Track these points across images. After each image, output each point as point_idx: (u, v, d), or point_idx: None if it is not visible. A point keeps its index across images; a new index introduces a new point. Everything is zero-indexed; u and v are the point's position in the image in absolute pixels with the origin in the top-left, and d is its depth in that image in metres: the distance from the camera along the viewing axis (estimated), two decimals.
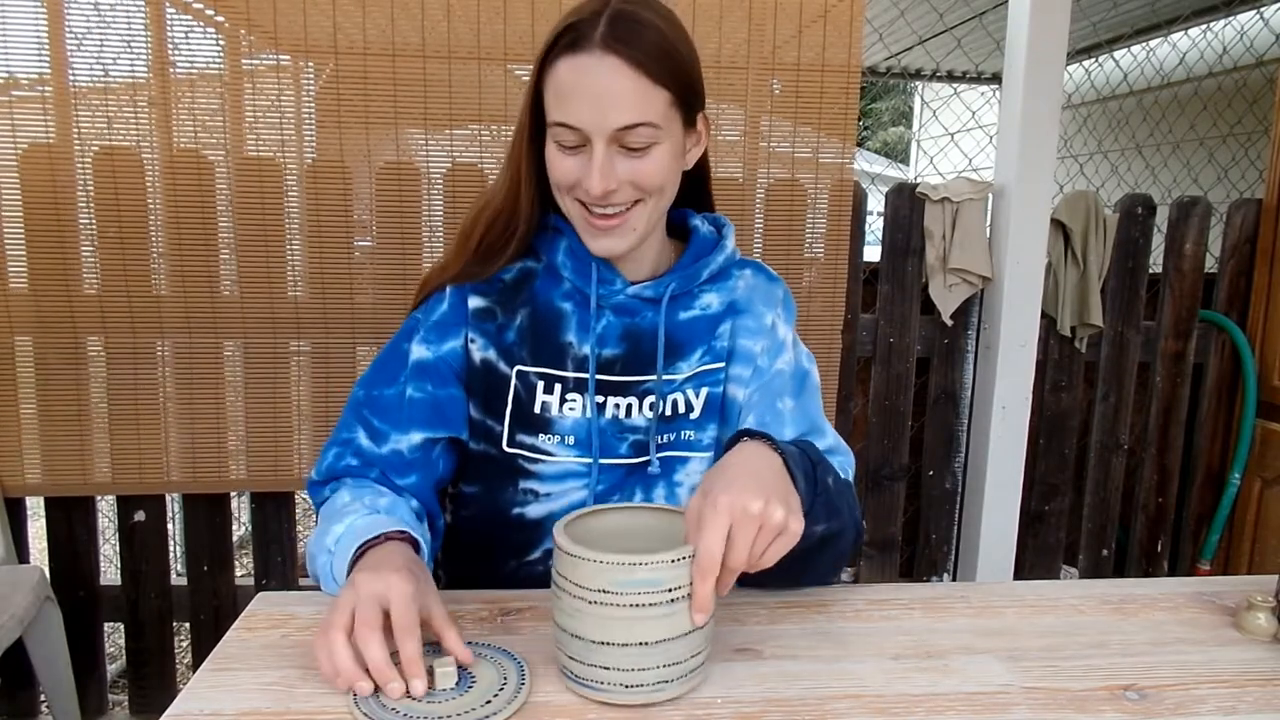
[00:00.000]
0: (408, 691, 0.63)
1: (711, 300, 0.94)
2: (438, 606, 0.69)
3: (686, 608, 0.63)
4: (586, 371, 0.89)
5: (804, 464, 0.74)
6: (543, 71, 0.82)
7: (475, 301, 0.90)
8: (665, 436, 0.90)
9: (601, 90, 0.78)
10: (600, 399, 0.89)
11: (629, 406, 0.90)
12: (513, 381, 0.89)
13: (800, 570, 0.79)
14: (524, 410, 0.89)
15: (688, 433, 0.91)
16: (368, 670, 0.64)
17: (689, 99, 0.84)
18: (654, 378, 0.90)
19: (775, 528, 0.65)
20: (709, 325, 0.93)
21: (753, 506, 0.64)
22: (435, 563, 0.98)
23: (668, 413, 0.90)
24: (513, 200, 0.88)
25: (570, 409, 0.89)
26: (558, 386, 0.89)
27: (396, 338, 0.93)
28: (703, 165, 0.95)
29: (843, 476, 0.88)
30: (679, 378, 0.91)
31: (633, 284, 0.90)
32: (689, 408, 0.91)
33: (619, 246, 0.85)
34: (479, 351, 0.90)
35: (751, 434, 0.75)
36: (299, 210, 1.71)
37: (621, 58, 0.78)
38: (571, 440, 0.88)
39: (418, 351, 0.90)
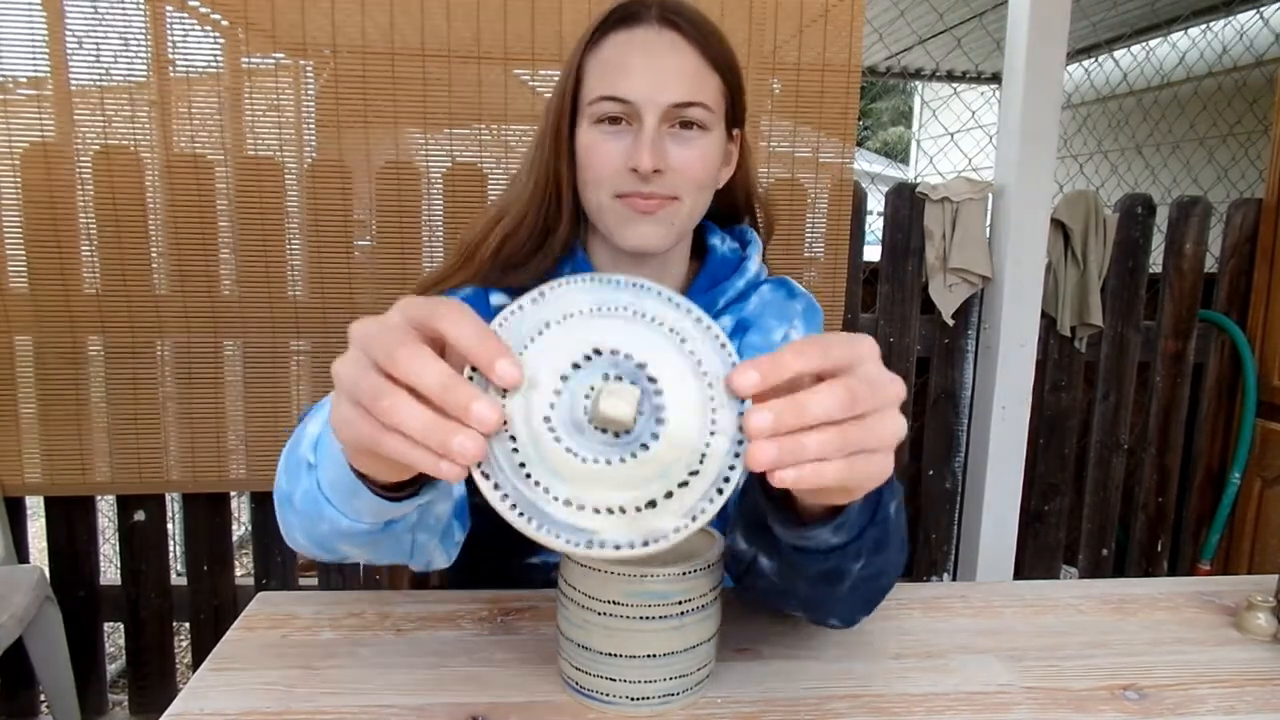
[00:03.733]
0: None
1: (725, 325, 0.88)
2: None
3: (697, 620, 0.62)
4: None
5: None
6: (584, 53, 0.79)
7: (498, 299, 0.84)
8: None
9: (658, 63, 0.76)
10: None
11: None
12: None
13: (820, 601, 0.67)
14: None
15: None
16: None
17: (735, 98, 0.82)
18: None
19: (888, 380, 0.46)
20: None
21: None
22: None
23: None
24: (544, 203, 0.82)
25: None
26: None
27: None
28: (746, 174, 0.90)
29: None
30: None
31: None
32: None
33: (655, 235, 0.80)
34: None
35: None
36: (298, 210, 1.71)
37: (681, 34, 0.77)
38: None
39: None
